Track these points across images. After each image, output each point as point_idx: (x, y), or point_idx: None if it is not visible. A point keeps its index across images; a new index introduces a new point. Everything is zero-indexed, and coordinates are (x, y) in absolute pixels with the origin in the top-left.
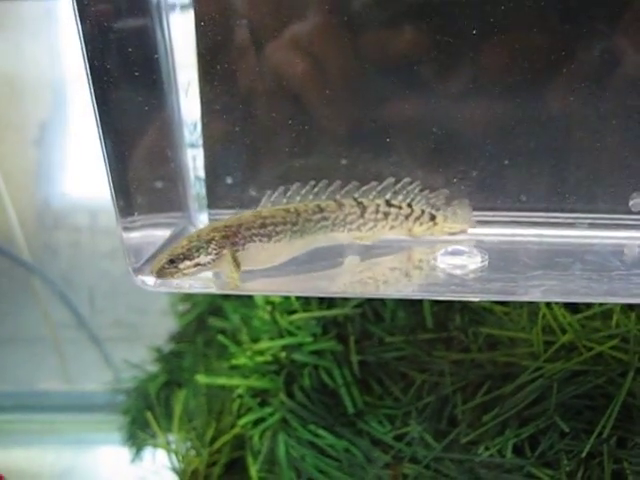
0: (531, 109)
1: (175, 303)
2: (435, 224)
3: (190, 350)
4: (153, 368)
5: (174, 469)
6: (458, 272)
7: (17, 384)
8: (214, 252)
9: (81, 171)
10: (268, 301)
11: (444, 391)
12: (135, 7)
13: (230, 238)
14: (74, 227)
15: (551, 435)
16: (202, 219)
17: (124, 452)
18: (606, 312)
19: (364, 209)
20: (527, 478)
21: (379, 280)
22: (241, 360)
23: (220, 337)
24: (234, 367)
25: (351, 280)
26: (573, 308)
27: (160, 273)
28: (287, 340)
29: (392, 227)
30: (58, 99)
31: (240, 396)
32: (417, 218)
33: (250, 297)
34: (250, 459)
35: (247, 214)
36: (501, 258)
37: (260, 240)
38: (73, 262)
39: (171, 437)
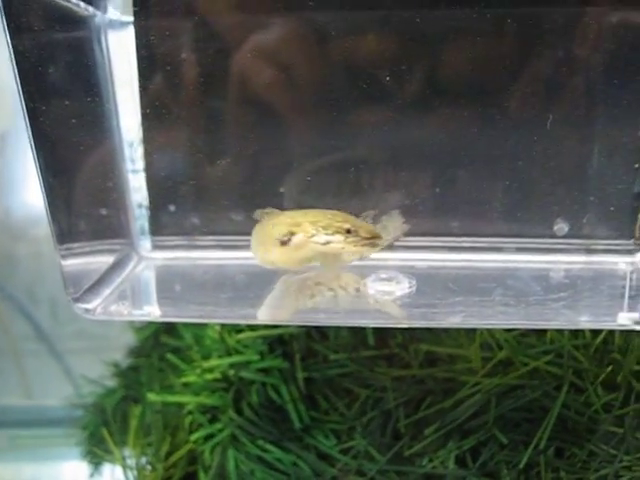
0: (459, 138)
1: None
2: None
3: (147, 365)
4: (111, 383)
5: None
6: (386, 298)
7: None
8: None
9: None
10: None
11: (387, 406)
12: (70, 22)
13: None
14: (36, 238)
15: (491, 447)
16: (145, 246)
17: (84, 467)
18: (541, 329)
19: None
20: None
21: (309, 307)
22: (191, 378)
23: (170, 356)
24: (186, 384)
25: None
26: None
27: None
28: (235, 358)
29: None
30: (19, 108)
31: (190, 412)
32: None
33: None
34: (202, 474)
35: None
36: (428, 284)
37: None
38: (35, 274)
39: (128, 452)
